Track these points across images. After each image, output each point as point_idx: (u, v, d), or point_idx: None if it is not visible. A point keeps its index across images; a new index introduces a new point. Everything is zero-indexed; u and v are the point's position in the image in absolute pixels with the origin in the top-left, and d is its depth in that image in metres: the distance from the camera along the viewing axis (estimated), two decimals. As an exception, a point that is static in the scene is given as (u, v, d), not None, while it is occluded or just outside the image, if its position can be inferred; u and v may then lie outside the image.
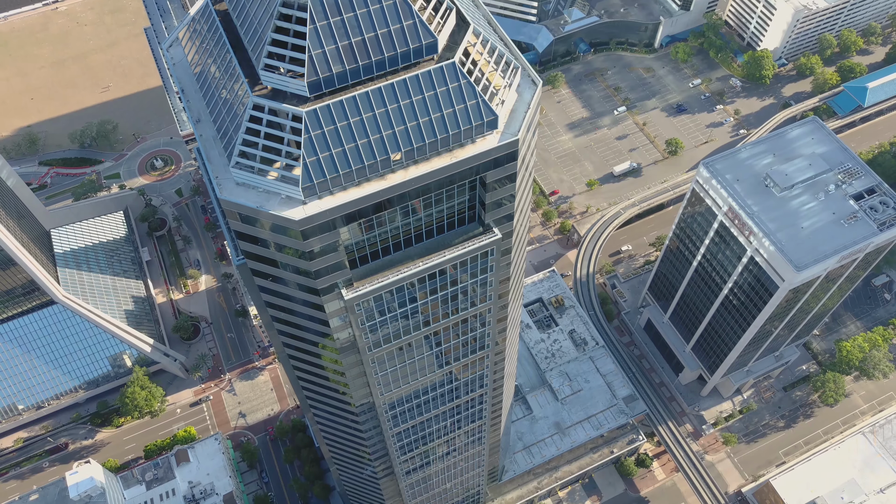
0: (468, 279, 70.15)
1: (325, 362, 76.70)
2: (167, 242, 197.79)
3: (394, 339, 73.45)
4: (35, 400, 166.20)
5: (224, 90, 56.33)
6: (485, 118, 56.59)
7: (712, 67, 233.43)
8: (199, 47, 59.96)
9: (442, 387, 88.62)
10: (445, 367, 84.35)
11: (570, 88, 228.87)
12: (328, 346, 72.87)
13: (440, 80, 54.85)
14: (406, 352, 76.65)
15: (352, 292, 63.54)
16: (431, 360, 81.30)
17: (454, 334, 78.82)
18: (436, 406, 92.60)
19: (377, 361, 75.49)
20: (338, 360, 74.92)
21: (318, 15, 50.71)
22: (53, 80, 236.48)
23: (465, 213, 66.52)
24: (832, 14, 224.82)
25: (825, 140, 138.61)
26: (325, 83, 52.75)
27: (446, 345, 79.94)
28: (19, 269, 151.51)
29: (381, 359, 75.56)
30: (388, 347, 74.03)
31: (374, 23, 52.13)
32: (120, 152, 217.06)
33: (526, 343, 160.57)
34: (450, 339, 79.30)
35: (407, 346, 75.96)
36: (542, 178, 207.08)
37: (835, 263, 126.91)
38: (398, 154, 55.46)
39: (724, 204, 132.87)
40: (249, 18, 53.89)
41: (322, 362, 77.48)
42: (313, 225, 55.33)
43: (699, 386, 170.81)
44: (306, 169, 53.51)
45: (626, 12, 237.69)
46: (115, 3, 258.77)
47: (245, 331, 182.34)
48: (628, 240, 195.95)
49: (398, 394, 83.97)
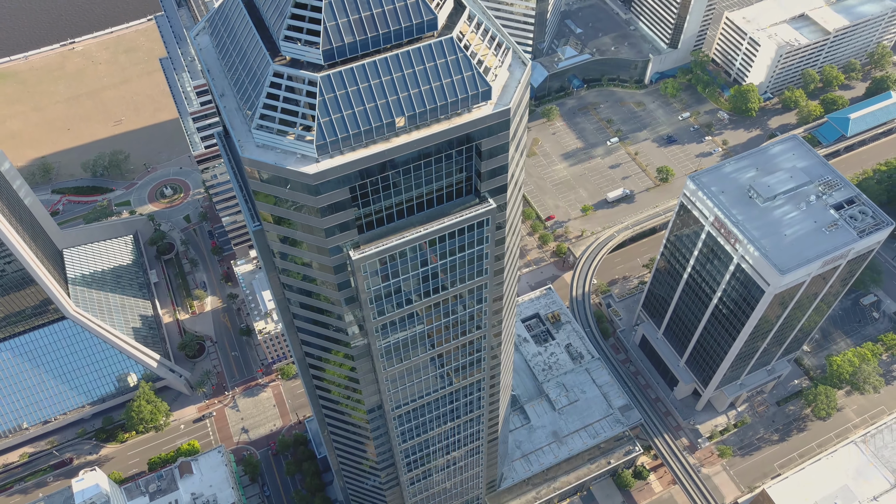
0: (465, 249, 75.80)
1: (337, 334, 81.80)
2: (175, 265, 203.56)
3: (397, 308, 78.67)
4: (42, 415, 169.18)
5: (247, 63, 63.25)
6: (479, 88, 63.37)
7: (700, 102, 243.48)
8: (225, 30, 67.15)
9: (442, 367, 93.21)
10: (445, 345, 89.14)
11: (564, 121, 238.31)
12: (338, 323, 78.29)
13: (439, 53, 61.88)
14: (408, 322, 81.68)
15: (359, 253, 69.22)
16: (432, 335, 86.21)
17: (453, 309, 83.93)
18: (436, 389, 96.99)
19: (381, 331, 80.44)
20: (348, 332, 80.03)
21: (333, -9, 58.04)
22: (68, 115, 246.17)
23: (462, 185, 72.75)
24: (813, 51, 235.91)
25: (805, 156, 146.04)
26: (338, 52, 59.70)
27: (446, 320, 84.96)
28: (34, 283, 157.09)
29: (386, 328, 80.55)
30: (391, 316, 79.14)
31: (381, 0, 59.40)
32: (131, 181, 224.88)
33: (523, 356, 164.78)
34: (449, 314, 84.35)
35: (409, 318, 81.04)
36: (539, 204, 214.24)
37: (818, 268, 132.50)
38: (402, 119, 62.02)
39: (711, 214, 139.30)
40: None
41: (334, 345, 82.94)
42: (325, 180, 61.51)
43: (694, 400, 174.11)
44: (320, 129, 60.00)
45: (616, 50, 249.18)
46: (129, 43, 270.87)
47: (249, 349, 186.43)
48: (622, 262, 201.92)
49: (400, 369, 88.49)
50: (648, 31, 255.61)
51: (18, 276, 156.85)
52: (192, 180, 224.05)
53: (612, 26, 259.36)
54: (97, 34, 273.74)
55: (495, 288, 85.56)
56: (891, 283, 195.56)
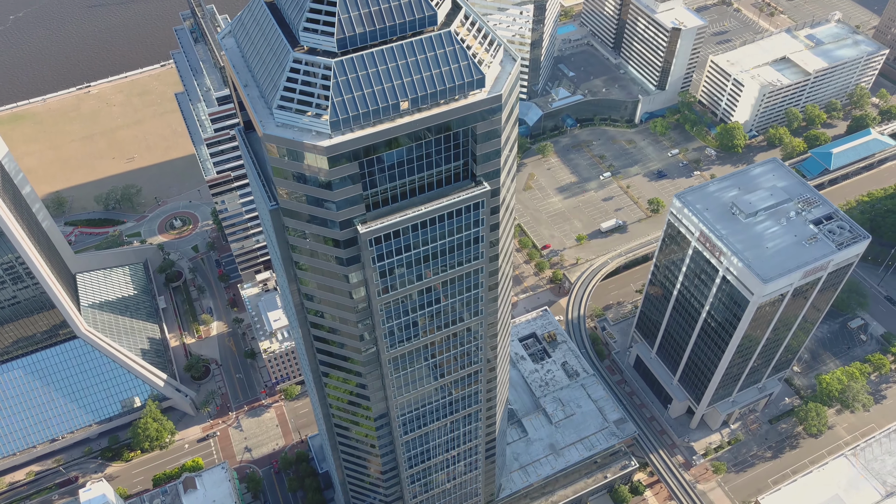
0: (463, 231, 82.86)
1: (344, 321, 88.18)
2: (182, 292, 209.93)
3: (400, 288, 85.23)
4: (50, 433, 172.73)
5: (269, 53, 71.77)
6: (474, 76, 71.69)
7: (688, 139, 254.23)
8: (252, 25, 75.98)
9: (441, 354, 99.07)
10: (445, 330, 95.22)
11: (558, 157, 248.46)
12: (346, 301, 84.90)
13: (439, 44, 70.46)
14: (410, 303, 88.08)
15: (366, 227, 76.35)
16: (433, 319, 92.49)
17: (451, 293, 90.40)
18: (435, 377, 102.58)
19: (384, 311, 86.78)
20: (356, 311, 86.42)
21: (347, -12, 66.96)
22: (82, 152, 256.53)
23: (460, 171, 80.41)
24: (795, 91, 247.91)
25: (785, 176, 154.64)
26: (350, 41, 68.22)
27: (445, 304, 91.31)
28: (53, 306, 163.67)
29: (389, 309, 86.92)
30: (394, 295, 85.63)
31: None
32: (141, 214, 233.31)
33: (521, 372, 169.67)
34: (448, 298, 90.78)
35: (410, 298, 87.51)
36: (535, 234, 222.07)
37: (799, 278, 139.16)
38: (406, 102, 70.11)
39: (696, 230, 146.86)
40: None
41: (342, 326, 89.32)
42: (337, 154, 69.17)
43: (688, 419, 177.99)
44: (333, 108, 67.99)
45: (607, 92, 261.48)
46: (143, 86, 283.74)
47: (253, 371, 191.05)
48: (616, 288, 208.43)
49: (402, 351, 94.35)
50: (637, 75, 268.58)
51: (38, 299, 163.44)
52: (200, 213, 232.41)
53: (602, 70, 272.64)
54: (112, 78, 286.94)
55: (491, 274, 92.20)
56: (876, 307, 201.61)
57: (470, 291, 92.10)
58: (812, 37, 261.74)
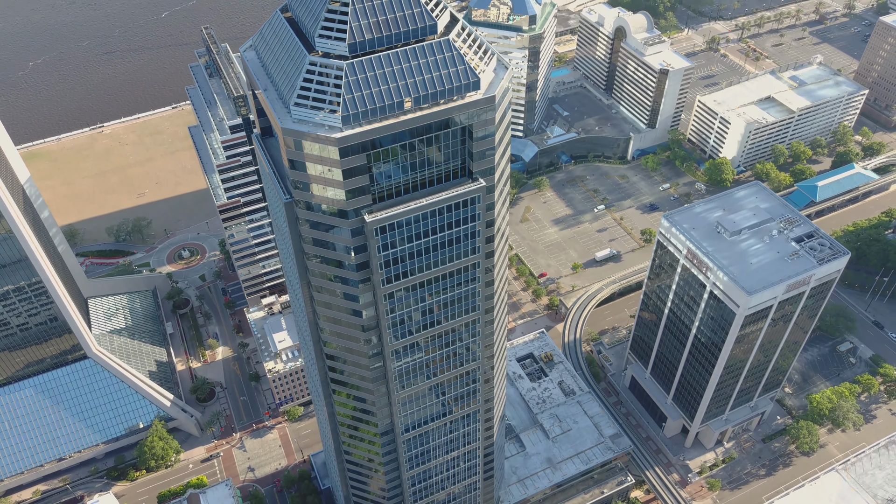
0: (460, 225, 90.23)
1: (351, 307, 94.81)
2: (189, 318, 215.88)
3: (402, 279, 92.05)
4: (58, 452, 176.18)
5: (288, 58, 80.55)
6: (470, 80, 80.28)
7: (679, 175, 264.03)
8: (269, 40, 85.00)
9: (443, 349, 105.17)
10: (444, 324, 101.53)
11: (554, 192, 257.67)
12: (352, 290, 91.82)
13: (438, 50, 79.24)
14: (413, 293, 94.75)
15: (372, 217, 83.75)
16: (432, 312, 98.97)
17: (451, 286, 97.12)
18: (435, 374, 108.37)
19: (388, 299, 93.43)
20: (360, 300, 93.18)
21: (357, 0, 76.05)
22: (95, 188, 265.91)
23: (458, 169, 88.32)
24: (780, 128, 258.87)
25: (767, 199, 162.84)
26: (360, 46, 76.99)
27: (444, 296, 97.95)
28: (70, 331, 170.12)
29: (392, 297, 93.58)
30: (397, 285, 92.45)
31: (395, 8, 77.43)
32: (151, 245, 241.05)
33: (518, 390, 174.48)
34: (447, 291, 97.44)
35: (412, 289, 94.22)
36: (532, 263, 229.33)
37: (783, 292, 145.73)
38: (409, 100, 78.46)
39: (684, 247, 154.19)
40: (308, 5, 79.23)
41: (348, 317, 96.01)
42: (348, 145, 77.13)
43: (683, 438, 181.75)
44: (344, 105, 76.28)
45: (600, 130, 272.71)
46: (154, 127, 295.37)
47: (257, 394, 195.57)
48: (611, 314, 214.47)
49: (405, 343, 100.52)
50: (629, 114, 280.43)
51: (54, 322, 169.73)
52: (208, 244, 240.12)
53: (595, 110, 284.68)
54: (124, 119, 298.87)
55: (487, 271, 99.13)
56: (864, 331, 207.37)
57: (467, 286, 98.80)
58: (795, 78, 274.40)
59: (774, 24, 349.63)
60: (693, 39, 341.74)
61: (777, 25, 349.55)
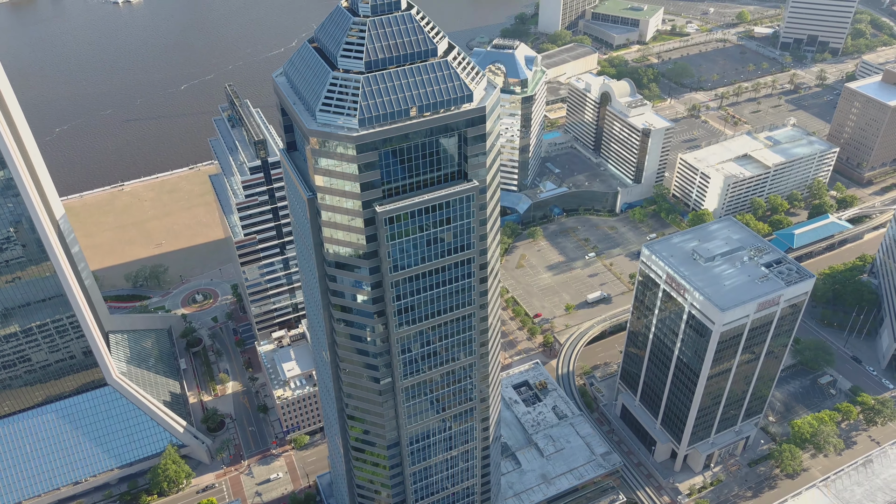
0: (456, 220, 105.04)
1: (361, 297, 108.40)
2: (201, 356, 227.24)
3: (407, 268, 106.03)
4: (74, 476, 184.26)
5: (313, 78, 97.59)
6: (465, 93, 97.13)
7: (664, 225, 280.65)
8: (298, 65, 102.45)
9: (440, 341, 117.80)
10: (443, 316, 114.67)
11: (547, 241, 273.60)
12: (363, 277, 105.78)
13: (439, 69, 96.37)
14: (416, 282, 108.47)
15: (383, 208, 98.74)
16: (432, 303, 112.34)
17: (448, 279, 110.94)
18: (435, 365, 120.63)
19: (393, 286, 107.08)
20: (366, 287, 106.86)
21: (372, 28, 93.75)
22: (114, 240, 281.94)
23: (455, 172, 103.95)
24: (757, 182, 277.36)
25: (739, 231, 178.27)
26: (374, 64, 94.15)
27: (443, 289, 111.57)
28: (97, 365, 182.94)
29: (398, 284, 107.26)
30: (403, 273, 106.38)
31: (402, 34, 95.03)
32: (167, 290, 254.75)
33: (514, 413, 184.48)
34: (445, 284, 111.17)
35: (417, 278, 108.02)
36: (527, 305, 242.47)
37: (754, 310, 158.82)
38: (414, 109, 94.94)
39: (663, 272, 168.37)
40: (332, 34, 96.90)
41: (356, 304, 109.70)
42: (364, 142, 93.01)
43: (672, 462, 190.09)
44: (361, 111, 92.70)
45: (590, 185, 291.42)
46: (172, 185, 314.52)
47: (265, 425, 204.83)
48: (602, 351, 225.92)
49: (410, 331, 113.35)
50: (616, 171, 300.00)
51: (84, 359, 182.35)
52: (220, 289, 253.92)
53: (585, 167, 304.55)
54: (144, 178, 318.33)
55: (481, 267, 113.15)
56: (843, 365, 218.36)
57: (463, 280, 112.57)
58: (770, 138, 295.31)
59: (752, 94, 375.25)
60: (675, 108, 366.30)
61: (754, 94, 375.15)
